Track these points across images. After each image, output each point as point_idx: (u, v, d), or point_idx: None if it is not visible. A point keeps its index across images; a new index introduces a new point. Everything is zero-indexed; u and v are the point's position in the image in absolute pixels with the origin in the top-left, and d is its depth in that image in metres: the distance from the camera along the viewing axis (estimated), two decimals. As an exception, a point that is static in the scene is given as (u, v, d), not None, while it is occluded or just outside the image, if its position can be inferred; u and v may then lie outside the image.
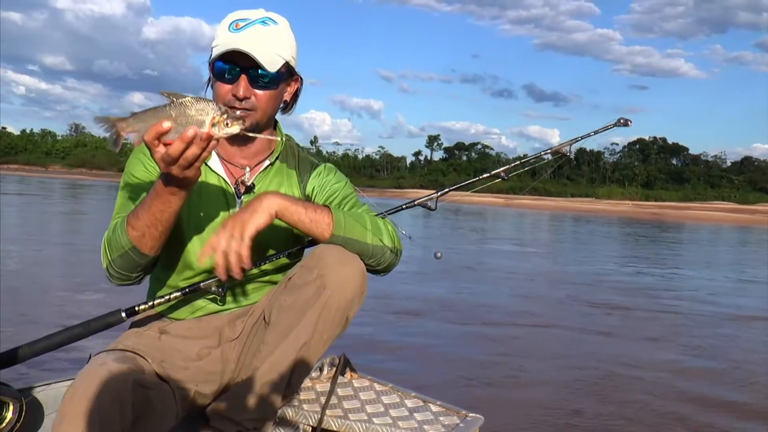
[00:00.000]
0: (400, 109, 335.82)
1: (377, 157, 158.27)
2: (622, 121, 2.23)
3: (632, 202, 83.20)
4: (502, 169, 2.17)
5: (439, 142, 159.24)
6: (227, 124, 1.52)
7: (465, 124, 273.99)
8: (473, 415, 2.09)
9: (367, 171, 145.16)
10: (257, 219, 1.71)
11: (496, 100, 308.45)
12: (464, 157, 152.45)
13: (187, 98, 1.51)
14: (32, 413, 1.81)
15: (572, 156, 2.25)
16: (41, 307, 6.08)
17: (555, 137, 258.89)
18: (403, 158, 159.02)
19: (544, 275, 11.08)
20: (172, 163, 1.52)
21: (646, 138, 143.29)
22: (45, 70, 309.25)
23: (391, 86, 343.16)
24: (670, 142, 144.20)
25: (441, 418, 2.07)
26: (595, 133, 2.28)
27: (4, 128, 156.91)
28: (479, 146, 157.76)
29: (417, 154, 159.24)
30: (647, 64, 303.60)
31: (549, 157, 2.21)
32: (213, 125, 1.50)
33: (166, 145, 1.50)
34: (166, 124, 1.47)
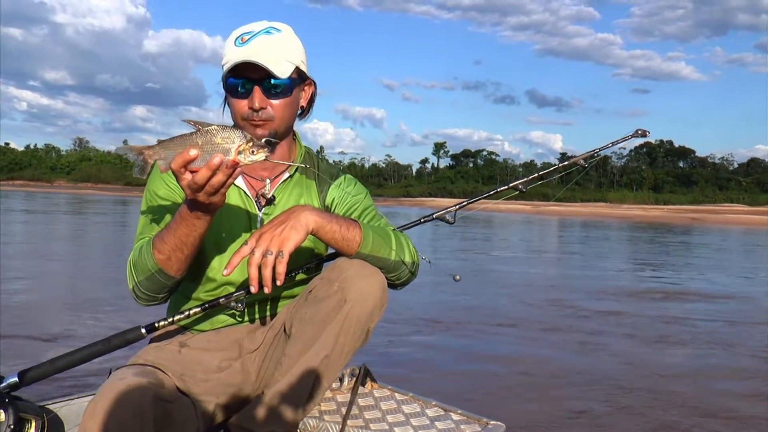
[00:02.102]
0: (402, 117, 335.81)
1: (383, 165, 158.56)
2: (639, 132, 2.23)
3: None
4: (520, 181, 2.17)
5: (446, 149, 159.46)
6: (253, 151, 1.54)
7: (468, 131, 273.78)
8: (494, 422, 2.08)
9: (375, 180, 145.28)
10: (296, 236, 1.69)
11: (499, 107, 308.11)
12: (471, 164, 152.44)
13: (212, 126, 1.54)
14: (54, 430, 1.81)
15: (586, 166, 2.24)
16: (61, 324, 6.10)
17: (558, 142, 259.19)
18: (409, 166, 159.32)
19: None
20: (198, 190, 1.53)
21: (653, 141, 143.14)
22: (46, 85, 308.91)
23: (394, 94, 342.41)
24: (675, 145, 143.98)
25: (462, 427, 2.06)
26: (613, 144, 2.28)
27: (7, 144, 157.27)
28: (485, 153, 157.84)
29: (424, 161, 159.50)
30: (648, 67, 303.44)
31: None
32: (239, 153, 1.53)
33: (192, 172, 1.52)
34: (193, 152, 1.50)
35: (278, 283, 1.66)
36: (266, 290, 1.66)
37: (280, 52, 1.87)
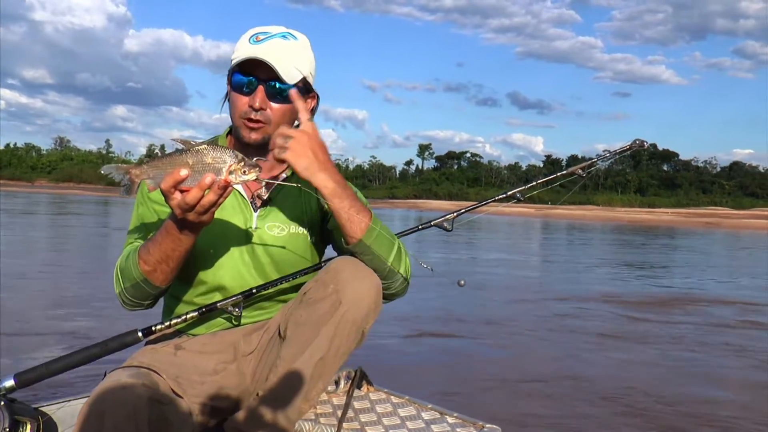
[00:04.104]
0: (384, 118, 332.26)
1: (368, 167, 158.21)
2: (638, 142, 2.25)
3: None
4: (517, 189, 2.18)
5: (431, 151, 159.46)
6: (244, 171, 1.55)
7: (449, 133, 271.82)
8: (490, 426, 2.08)
9: (359, 181, 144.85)
10: (326, 171, 1.73)
11: (481, 109, 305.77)
12: (455, 166, 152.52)
13: (202, 146, 1.55)
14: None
15: (584, 175, 2.25)
16: (57, 325, 6.12)
17: (539, 145, 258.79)
18: (393, 168, 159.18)
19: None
20: (189, 210, 1.54)
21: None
22: (25, 83, 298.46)
23: (376, 96, 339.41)
24: (659, 148, 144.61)
25: (458, 430, 2.06)
26: (612, 155, 2.30)
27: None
28: (468, 155, 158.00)
29: (408, 163, 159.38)
30: (629, 71, 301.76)
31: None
32: (230, 172, 1.53)
33: (181, 191, 1.52)
34: (184, 172, 1.50)
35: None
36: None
37: (291, 58, 1.87)
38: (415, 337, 6.23)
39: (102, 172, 1.62)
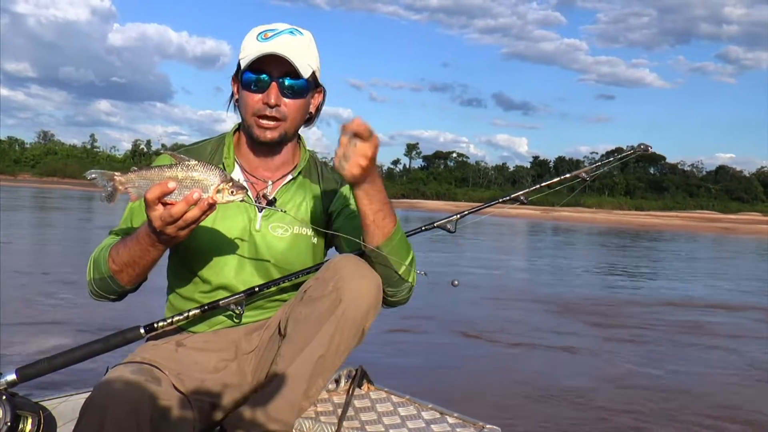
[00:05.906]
0: (369, 117, 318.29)
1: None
2: (642, 146, 2.26)
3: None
4: (521, 192, 2.17)
5: (418, 150, 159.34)
6: (232, 192, 1.57)
7: (434, 133, 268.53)
8: (490, 426, 2.08)
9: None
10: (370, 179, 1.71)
11: (466, 109, 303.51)
12: (442, 166, 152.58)
13: (192, 162, 1.57)
14: (50, 426, 1.79)
15: (588, 179, 2.26)
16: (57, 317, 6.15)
17: (523, 146, 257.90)
18: (380, 167, 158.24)
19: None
20: (170, 223, 1.55)
21: (625, 147, 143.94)
22: (7, 76, 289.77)
23: (361, 94, 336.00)
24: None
25: (458, 430, 2.06)
26: (616, 160, 2.32)
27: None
28: (455, 155, 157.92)
29: (396, 162, 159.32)
30: (613, 73, 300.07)
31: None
32: (217, 191, 1.55)
33: (164, 204, 1.54)
34: (172, 185, 1.52)
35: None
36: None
37: (302, 53, 1.87)
38: (417, 335, 6.25)
39: (86, 176, 1.63)
